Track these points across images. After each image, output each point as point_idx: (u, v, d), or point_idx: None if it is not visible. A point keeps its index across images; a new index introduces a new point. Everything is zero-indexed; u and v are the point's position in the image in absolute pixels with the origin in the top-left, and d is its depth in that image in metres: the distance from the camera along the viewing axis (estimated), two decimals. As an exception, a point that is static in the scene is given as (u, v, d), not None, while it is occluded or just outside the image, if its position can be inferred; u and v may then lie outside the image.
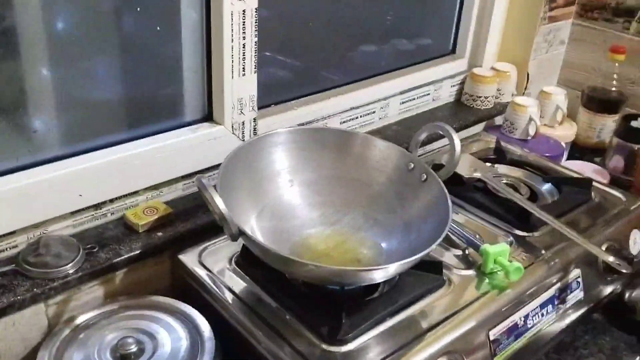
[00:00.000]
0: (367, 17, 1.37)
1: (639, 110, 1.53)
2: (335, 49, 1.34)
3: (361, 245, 0.99)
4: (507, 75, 1.54)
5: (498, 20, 1.53)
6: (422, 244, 0.89)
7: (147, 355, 0.84)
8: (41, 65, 0.90)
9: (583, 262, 1.07)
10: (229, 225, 0.83)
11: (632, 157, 1.42)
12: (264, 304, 0.90)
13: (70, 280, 0.90)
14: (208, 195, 0.82)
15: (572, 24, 1.62)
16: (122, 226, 1.01)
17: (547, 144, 1.46)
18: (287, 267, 0.87)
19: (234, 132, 1.09)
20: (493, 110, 1.52)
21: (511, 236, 1.08)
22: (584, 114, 1.54)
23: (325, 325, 0.84)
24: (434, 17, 1.53)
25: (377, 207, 1.02)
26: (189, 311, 0.92)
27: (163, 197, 1.06)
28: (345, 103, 1.29)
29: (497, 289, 0.96)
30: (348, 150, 1.06)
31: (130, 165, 0.99)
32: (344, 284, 0.89)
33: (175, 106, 1.06)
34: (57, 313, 0.92)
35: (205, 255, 1.00)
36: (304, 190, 1.04)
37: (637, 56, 1.52)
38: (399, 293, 0.92)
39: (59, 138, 0.95)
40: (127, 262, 0.96)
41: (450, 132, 1.01)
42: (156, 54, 1.03)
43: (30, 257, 0.89)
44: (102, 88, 0.99)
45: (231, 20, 1.00)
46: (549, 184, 1.24)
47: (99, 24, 0.94)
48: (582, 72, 1.63)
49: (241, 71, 1.05)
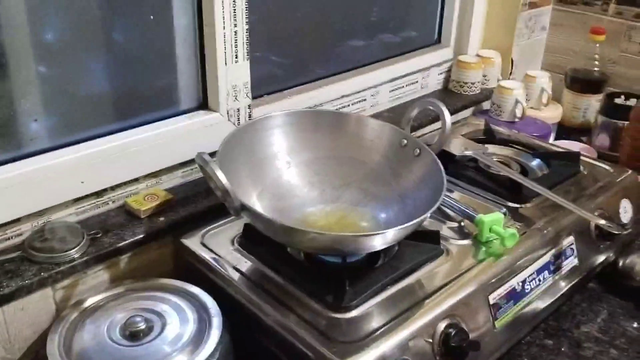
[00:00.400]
0: (353, 12, 1.41)
1: (621, 89, 1.57)
2: (323, 45, 1.37)
3: (361, 219, 1.01)
4: (492, 62, 1.57)
5: (480, 8, 1.57)
6: (419, 213, 0.91)
7: (155, 332, 0.85)
8: (41, 56, 0.92)
9: (576, 229, 1.09)
10: (231, 199, 0.84)
11: (618, 133, 1.45)
12: (268, 279, 0.92)
13: (76, 265, 0.91)
14: (210, 170, 0.84)
15: (552, 9, 1.66)
16: (124, 213, 1.02)
17: (534, 125, 1.49)
18: (290, 237, 0.88)
19: (229, 119, 1.12)
20: (480, 96, 1.55)
21: (504, 208, 1.10)
22: (568, 95, 1.58)
23: (329, 294, 0.86)
24: (418, 9, 1.57)
25: (373, 182, 1.04)
26: (195, 291, 0.93)
27: (163, 185, 1.08)
28: (337, 91, 1.32)
29: (494, 256, 0.99)
30: (343, 131, 1.09)
31: (129, 152, 1.01)
32: (345, 251, 0.91)
33: (171, 95, 1.09)
34: (64, 297, 0.93)
35: (207, 237, 1.01)
36: (302, 170, 1.06)
37: (616, 36, 1.56)
38: (399, 262, 0.94)
39: (59, 127, 0.97)
40: (131, 246, 0.97)
41: (440, 106, 1.04)
42: (150, 44, 1.05)
43: (36, 242, 0.91)
44: (100, 79, 1.01)
45: (222, 8, 1.03)
46: (538, 160, 1.27)
47: (93, 16, 0.97)
48: (564, 56, 1.67)
49: (234, 58, 1.08)
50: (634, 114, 1.34)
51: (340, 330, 0.82)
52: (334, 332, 0.82)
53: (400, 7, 1.51)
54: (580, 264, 1.10)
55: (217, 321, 0.88)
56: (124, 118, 1.04)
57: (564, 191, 1.17)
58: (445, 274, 0.94)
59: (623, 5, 1.54)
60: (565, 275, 1.07)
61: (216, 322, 0.88)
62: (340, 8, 1.38)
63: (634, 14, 1.53)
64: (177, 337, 0.85)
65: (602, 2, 1.57)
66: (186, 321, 0.87)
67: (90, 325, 0.86)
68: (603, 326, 1.05)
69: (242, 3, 1.05)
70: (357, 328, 0.83)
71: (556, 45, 1.69)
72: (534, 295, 1.01)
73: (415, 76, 1.50)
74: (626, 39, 1.56)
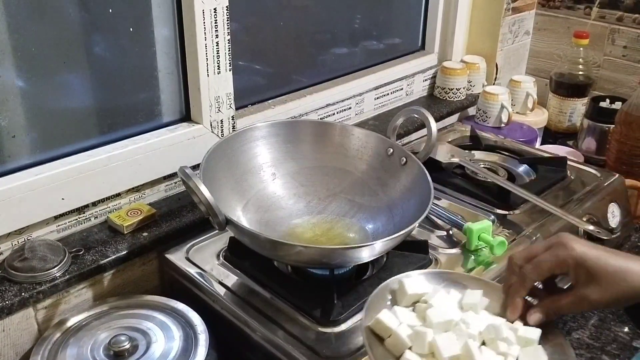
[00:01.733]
0: (336, 20, 1.40)
1: (606, 92, 1.57)
2: (307, 53, 1.36)
3: (348, 230, 1.00)
4: (477, 67, 1.57)
5: (464, 14, 1.57)
6: (406, 223, 0.90)
7: (140, 351, 0.84)
8: (18, 72, 0.90)
9: (564, 235, 1.09)
10: (215, 214, 0.83)
11: (604, 137, 1.45)
12: (255, 293, 0.91)
13: (58, 284, 0.89)
14: (192, 184, 0.82)
15: (536, 14, 1.66)
16: (106, 229, 1.01)
17: (521, 130, 1.49)
18: (276, 251, 0.87)
19: (212, 131, 1.10)
20: (465, 102, 1.55)
21: (492, 215, 1.09)
22: (553, 100, 1.58)
23: (317, 308, 0.85)
24: (401, 16, 1.56)
25: (360, 192, 1.03)
26: (180, 307, 0.92)
27: (146, 199, 1.06)
28: (321, 100, 1.31)
29: (483, 265, 0.98)
30: (328, 141, 1.07)
31: (111, 167, 0.99)
32: (333, 264, 0.90)
33: (152, 107, 1.07)
34: (46, 317, 0.91)
35: (192, 252, 1.00)
36: (287, 182, 1.05)
37: (600, 40, 1.57)
38: (388, 274, 0.92)
39: (38, 142, 0.95)
40: (114, 263, 0.95)
41: (425, 114, 1.03)
42: (130, 56, 1.03)
43: (16, 262, 0.89)
44: (79, 92, 0.99)
45: (203, 18, 1.01)
46: (525, 165, 1.27)
47: (72, 29, 0.95)
48: (548, 60, 1.68)
49: (216, 69, 1.06)
50: (620, 117, 1.34)
51: (329, 345, 0.81)
52: (323, 347, 0.80)
53: (384, 14, 1.51)
54: (569, 270, 1.09)
55: (204, 338, 0.86)
56: (105, 132, 1.02)
57: (552, 196, 1.16)
58: (435, 284, 0.93)
59: (605, 9, 1.55)
60: (555, 282, 1.06)
61: (202, 339, 0.86)
62: (323, 16, 1.37)
63: (616, 17, 1.53)
64: (163, 356, 0.83)
65: (584, 6, 1.58)
66: (172, 339, 0.86)
67: (73, 346, 0.84)
68: (594, 332, 1.04)
69: (223, 13, 1.04)
70: (346, 342, 0.81)
71: (540, 50, 1.69)
72: (525, 303, 1.00)
73: (400, 83, 1.49)
74: (610, 43, 1.56)
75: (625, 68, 1.56)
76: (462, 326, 0.71)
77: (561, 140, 1.57)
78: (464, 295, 0.76)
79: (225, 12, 1.04)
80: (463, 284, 0.79)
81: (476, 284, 0.79)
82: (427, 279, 0.79)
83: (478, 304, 0.75)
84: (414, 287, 0.75)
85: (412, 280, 0.77)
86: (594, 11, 1.56)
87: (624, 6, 1.52)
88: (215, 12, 1.03)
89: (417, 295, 0.75)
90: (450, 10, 1.56)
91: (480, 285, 0.79)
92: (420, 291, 0.75)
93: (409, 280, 0.76)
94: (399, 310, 0.73)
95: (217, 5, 1.03)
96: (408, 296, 0.75)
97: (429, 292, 0.76)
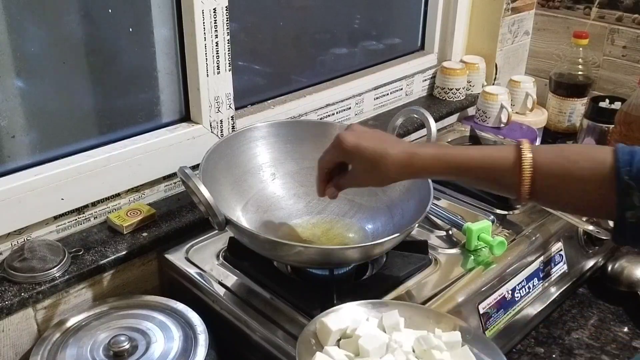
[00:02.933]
0: (336, 21, 1.40)
1: (605, 92, 1.57)
2: (306, 53, 1.36)
3: (348, 230, 1.00)
4: (476, 67, 1.57)
5: (463, 14, 1.57)
6: (406, 223, 0.90)
7: (140, 351, 0.84)
8: (18, 72, 0.90)
9: (564, 235, 1.09)
10: (215, 214, 0.83)
11: (603, 137, 1.45)
12: (254, 294, 0.91)
13: (57, 284, 0.89)
14: (192, 184, 0.82)
15: (535, 14, 1.66)
16: (106, 230, 1.01)
17: (520, 130, 1.49)
18: (275, 251, 0.87)
19: (212, 131, 1.10)
20: (465, 102, 1.55)
21: (492, 215, 1.09)
22: (553, 100, 1.58)
23: (317, 308, 0.85)
24: (401, 16, 1.56)
25: (360, 192, 1.03)
26: (180, 307, 0.92)
27: (145, 200, 1.06)
28: (321, 100, 1.31)
29: (483, 265, 0.98)
30: (327, 141, 1.04)
31: (110, 167, 0.99)
32: (332, 264, 0.90)
33: (152, 108, 1.07)
34: (46, 317, 0.91)
35: (192, 252, 1.00)
36: (287, 182, 1.05)
37: (599, 40, 1.57)
38: (387, 274, 0.93)
39: (38, 143, 0.95)
40: (114, 263, 0.95)
41: (425, 114, 1.03)
42: (130, 57, 1.03)
43: (16, 262, 0.88)
44: (79, 93, 0.99)
45: (202, 18, 1.01)
46: (525, 165, 1.26)
47: (72, 29, 0.95)
48: (548, 60, 1.67)
49: (215, 69, 1.06)
50: (619, 117, 1.34)
51: (328, 345, 0.81)
52: (323, 347, 0.80)
53: (383, 14, 1.51)
54: (569, 270, 1.09)
55: (203, 338, 0.86)
56: (104, 132, 1.02)
57: (551, 197, 1.16)
58: (434, 284, 0.93)
59: (605, 9, 1.55)
60: (554, 282, 1.06)
61: (202, 339, 0.86)
62: (323, 16, 1.37)
63: (616, 17, 1.53)
64: (163, 356, 0.83)
65: (584, 6, 1.57)
66: (171, 339, 0.86)
67: (73, 346, 0.84)
68: (594, 332, 1.04)
69: (223, 13, 1.04)
70: (346, 342, 0.81)
71: (540, 50, 1.69)
72: (524, 303, 1.00)
73: (400, 83, 1.49)
74: (609, 43, 1.56)
75: (624, 68, 1.56)
76: (395, 345, 0.73)
77: (561, 140, 1.57)
78: (381, 319, 0.78)
79: (225, 12, 1.04)
80: (375, 310, 0.81)
81: (391, 306, 0.82)
82: (340, 314, 0.79)
83: (399, 323, 0.77)
84: (336, 323, 0.76)
85: (331, 317, 0.78)
86: (594, 11, 1.56)
87: (624, 6, 1.52)
88: (214, 12, 1.03)
89: (341, 331, 0.76)
90: (449, 10, 1.56)
91: (393, 307, 0.81)
92: (343, 325, 0.77)
93: (328, 318, 0.77)
94: (331, 350, 0.74)
95: (217, 6, 1.03)
96: (333, 333, 0.75)
97: (349, 324, 0.77)
